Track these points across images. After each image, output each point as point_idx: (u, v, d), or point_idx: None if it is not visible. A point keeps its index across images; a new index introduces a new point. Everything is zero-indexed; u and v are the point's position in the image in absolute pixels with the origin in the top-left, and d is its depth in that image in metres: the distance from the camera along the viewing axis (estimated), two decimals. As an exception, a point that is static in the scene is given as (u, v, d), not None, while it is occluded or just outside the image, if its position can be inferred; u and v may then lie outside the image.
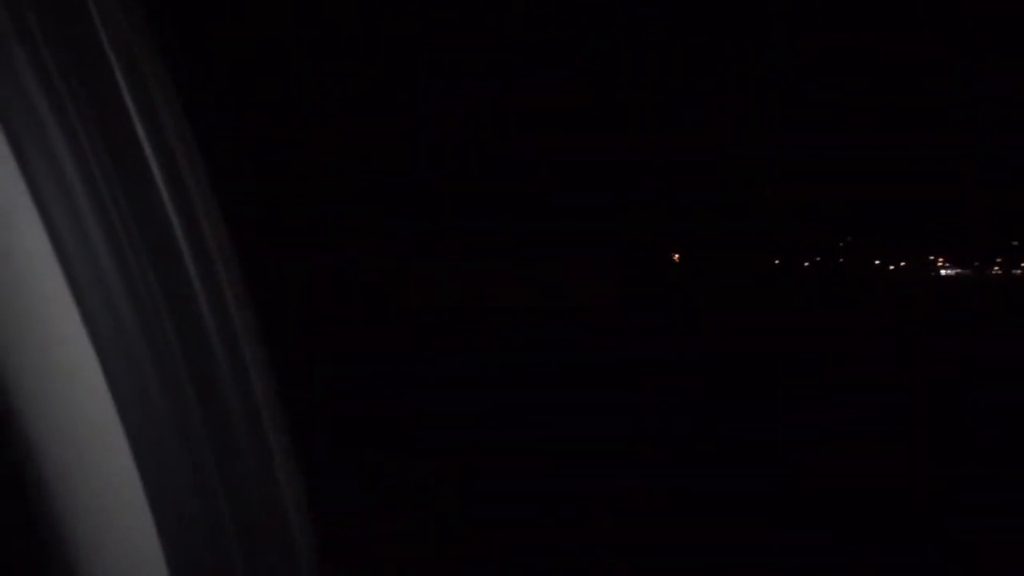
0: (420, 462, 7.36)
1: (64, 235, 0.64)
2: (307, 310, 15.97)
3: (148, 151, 0.70)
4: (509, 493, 6.60)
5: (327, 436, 7.15)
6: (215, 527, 0.71)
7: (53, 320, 0.65)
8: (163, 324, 0.69)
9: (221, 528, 0.71)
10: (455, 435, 8.49)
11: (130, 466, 0.66)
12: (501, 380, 11.92)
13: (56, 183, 0.64)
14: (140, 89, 0.70)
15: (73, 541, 0.66)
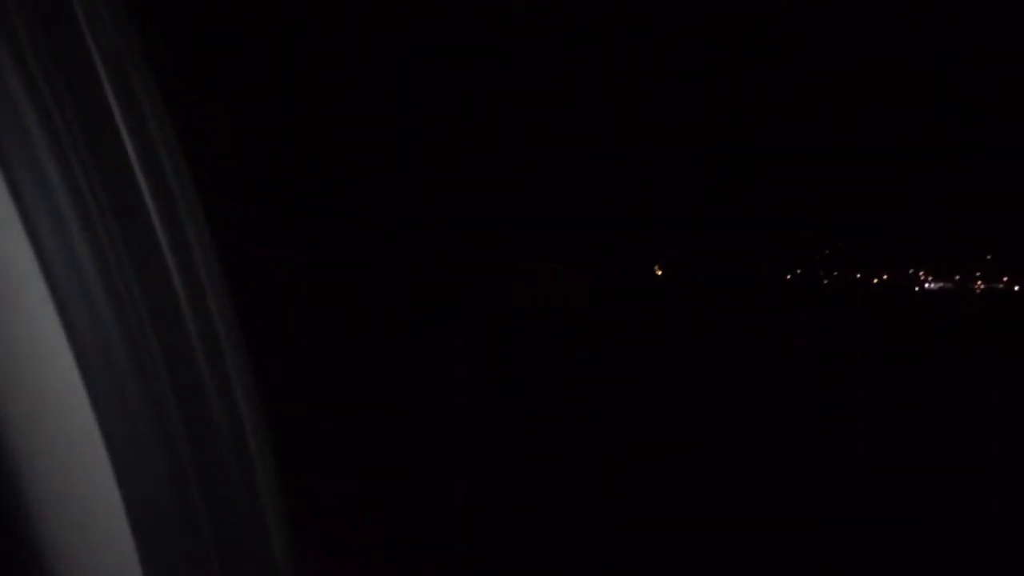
0: (415, 465, 7.40)
1: (45, 238, 0.64)
2: (299, 312, 15.98)
3: (132, 155, 0.70)
4: (505, 494, 6.65)
5: (319, 439, 7.17)
6: (194, 537, 0.71)
7: (32, 325, 0.64)
8: (145, 331, 0.69)
9: (200, 538, 0.71)
10: (450, 436, 8.55)
11: (109, 474, 0.66)
12: (497, 382, 12.01)
13: (38, 186, 0.64)
14: (126, 92, 0.70)
15: (51, 551, 0.66)
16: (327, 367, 11.91)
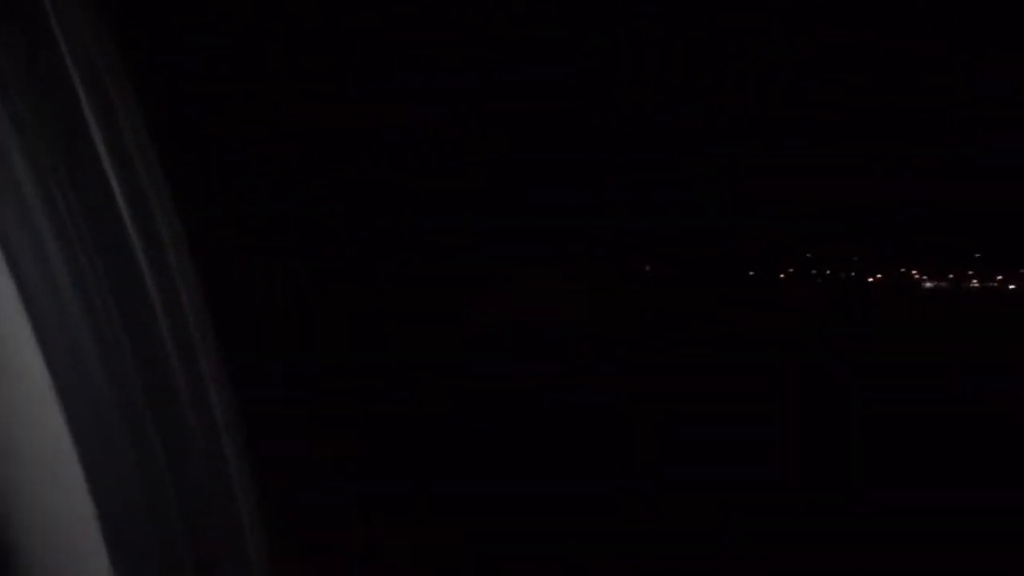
0: (403, 467, 7.43)
1: (13, 239, 0.64)
2: (281, 316, 15.96)
3: (104, 156, 0.70)
4: (498, 495, 6.68)
5: (303, 443, 7.18)
6: (168, 542, 0.71)
7: (1, 327, 0.64)
8: (117, 333, 0.68)
9: (174, 542, 0.71)
10: (438, 439, 8.58)
11: (80, 479, 0.66)
12: (488, 383, 12.05)
13: (7, 187, 0.63)
14: (97, 90, 0.70)
15: (21, 556, 0.65)
16: (311, 373, 11.91)
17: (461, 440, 8.62)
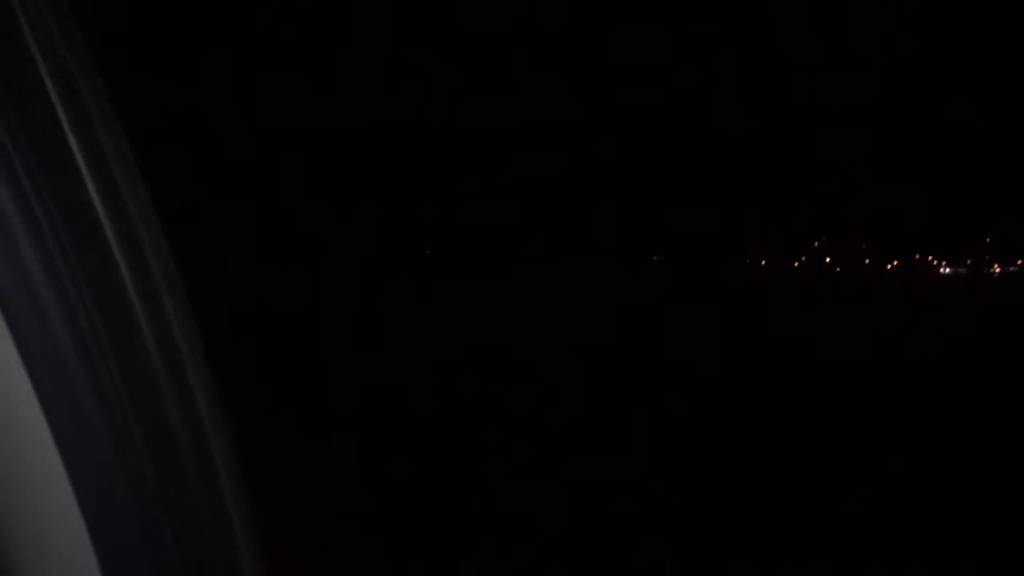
0: (394, 473, 7.43)
1: None
2: (279, 318, 15.83)
3: (80, 160, 0.70)
4: (489, 499, 6.70)
5: (293, 449, 7.24)
6: (156, 549, 0.71)
7: None
8: (100, 341, 0.68)
9: (162, 549, 0.72)
10: (431, 442, 8.57)
11: (66, 486, 0.66)
12: (479, 392, 12.00)
13: None
14: (71, 95, 0.70)
15: (10, 565, 0.67)
16: (309, 374, 11.98)
17: (461, 440, 8.63)
